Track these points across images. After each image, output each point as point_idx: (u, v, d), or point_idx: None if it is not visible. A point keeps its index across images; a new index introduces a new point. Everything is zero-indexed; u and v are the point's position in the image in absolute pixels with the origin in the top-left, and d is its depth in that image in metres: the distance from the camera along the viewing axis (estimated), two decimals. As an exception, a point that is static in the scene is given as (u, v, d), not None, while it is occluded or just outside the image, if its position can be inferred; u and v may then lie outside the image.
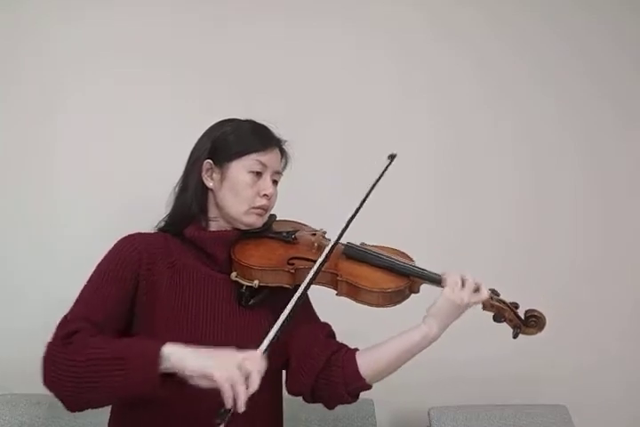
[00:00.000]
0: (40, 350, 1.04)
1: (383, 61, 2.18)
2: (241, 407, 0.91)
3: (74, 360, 0.99)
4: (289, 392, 1.24)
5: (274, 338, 1.00)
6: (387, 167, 1.27)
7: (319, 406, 1.28)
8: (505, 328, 2.04)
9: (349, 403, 1.21)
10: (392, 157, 1.28)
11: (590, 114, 2.33)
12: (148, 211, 1.28)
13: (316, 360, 1.19)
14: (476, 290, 1.18)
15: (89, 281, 1.15)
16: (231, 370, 0.93)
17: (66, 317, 1.09)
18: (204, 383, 0.95)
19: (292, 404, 1.33)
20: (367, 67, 2.16)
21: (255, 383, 0.94)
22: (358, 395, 1.22)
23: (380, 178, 1.25)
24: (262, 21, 2.07)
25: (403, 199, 2.10)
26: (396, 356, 1.17)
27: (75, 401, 1.02)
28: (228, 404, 0.91)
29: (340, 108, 2.10)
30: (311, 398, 1.22)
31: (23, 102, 1.89)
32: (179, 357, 0.96)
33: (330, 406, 1.25)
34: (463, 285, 1.17)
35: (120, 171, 1.89)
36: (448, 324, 1.18)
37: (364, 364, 1.18)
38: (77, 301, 1.12)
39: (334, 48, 2.13)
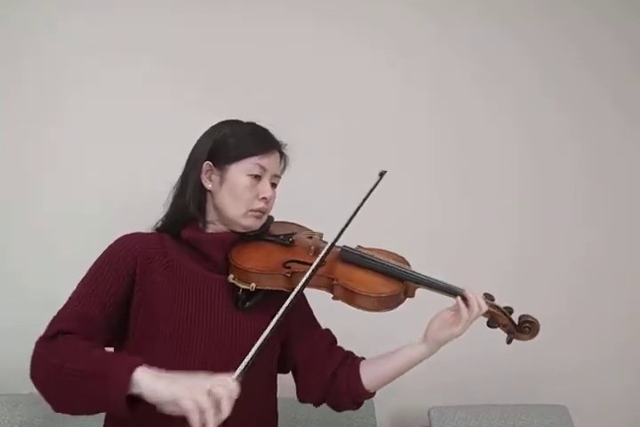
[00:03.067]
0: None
1: (383, 61, 2.18)
2: None
3: (49, 363, 1.00)
4: (299, 401, 1.29)
5: (250, 361, 0.97)
6: (376, 184, 1.27)
7: (319, 407, 1.29)
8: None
9: (354, 410, 1.29)
10: (382, 174, 1.28)
11: (591, 113, 2.34)
12: (148, 210, 1.28)
13: (322, 374, 1.24)
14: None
15: (84, 279, 1.15)
16: (200, 398, 0.89)
17: (58, 314, 1.09)
18: (172, 410, 0.91)
19: (291, 404, 1.33)
20: (367, 67, 2.16)
21: (226, 411, 0.90)
22: (363, 402, 1.28)
23: (369, 194, 1.25)
24: (262, 21, 2.07)
25: (403, 202, 2.10)
26: (397, 371, 1.23)
27: (57, 401, 1.02)
28: None
29: (341, 108, 2.10)
30: (318, 405, 1.29)
31: (23, 102, 1.89)
32: (148, 383, 0.93)
33: (337, 411, 1.31)
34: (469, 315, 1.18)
35: (120, 170, 1.89)
36: (444, 344, 1.22)
37: (368, 377, 1.23)
38: (71, 298, 1.12)
39: (334, 48, 2.13)
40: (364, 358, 1.29)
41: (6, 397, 1.66)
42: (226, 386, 0.91)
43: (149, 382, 0.93)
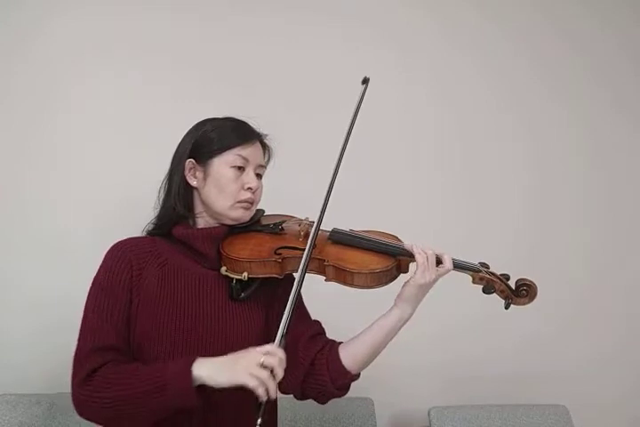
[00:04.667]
0: (39, 350, 1.03)
1: (383, 61, 2.18)
2: (273, 396, 0.98)
3: (102, 401, 1.03)
4: (281, 392, 1.23)
5: (285, 327, 1.04)
6: (363, 93, 1.26)
7: (319, 406, 1.28)
8: (506, 328, 2.04)
9: (340, 397, 1.23)
10: (365, 81, 1.27)
11: (591, 112, 2.34)
12: (148, 210, 1.28)
13: (301, 362, 1.20)
14: (439, 262, 1.19)
15: (88, 304, 1.15)
16: (258, 372, 0.98)
17: (77, 357, 1.10)
18: (234, 386, 1.00)
19: (291, 404, 1.33)
20: (367, 66, 2.16)
21: (280, 373, 1.00)
22: (348, 387, 1.23)
23: (359, 106, 1.24)
24: (262, 21, 2.07)
25: (404, 201, 2.10)
26: (378, 343, 1.20)
27: (121, 424, 1.08)
28: (263, 398, 0.98)
29: (341, 107, 2.09)
30: (301, 396, 1.24)
31: (23, 102, 1.89)
32: (209, 376, 1.01)
33: (321, 402, 1.26)
34: (428, 264, 1.18)
35: (120, 170, 1.90)
36: (420, 301, 1.20)
37: (348, 358, 1.19)
38: (83, 329, 1.12)
39: (334, 48, 2.13)
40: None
41: (6, 397, 1.66)
42: (274, 355, 1.00)
43: (209, 374, 1.01)
